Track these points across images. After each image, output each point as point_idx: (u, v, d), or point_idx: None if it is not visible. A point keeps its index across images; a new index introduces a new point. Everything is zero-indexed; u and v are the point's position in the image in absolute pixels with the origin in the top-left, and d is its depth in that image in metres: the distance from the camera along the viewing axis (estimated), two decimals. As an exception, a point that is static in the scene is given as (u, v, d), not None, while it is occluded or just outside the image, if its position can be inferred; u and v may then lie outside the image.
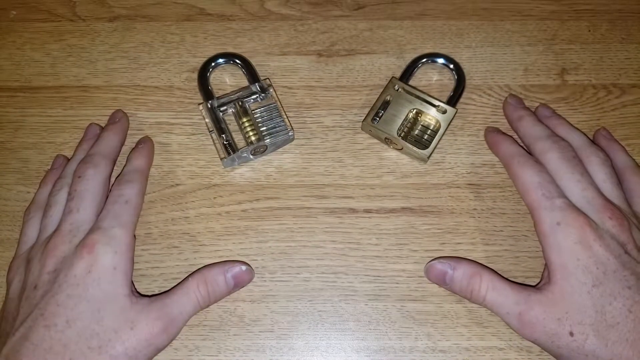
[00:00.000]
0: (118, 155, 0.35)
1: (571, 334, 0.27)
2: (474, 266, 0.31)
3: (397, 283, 0.33)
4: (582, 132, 0.35)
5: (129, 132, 0.37)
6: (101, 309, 0.28)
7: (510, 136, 0.36)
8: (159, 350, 0.29)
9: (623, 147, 0.35)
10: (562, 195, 0.30)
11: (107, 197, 0.32)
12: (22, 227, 0.33)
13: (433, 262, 0.32)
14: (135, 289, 0.32)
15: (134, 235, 0.31)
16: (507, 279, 0.30)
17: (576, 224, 0.29)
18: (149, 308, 0.29)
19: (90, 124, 0.37)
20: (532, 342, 0.29)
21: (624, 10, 0.40)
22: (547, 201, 0.30)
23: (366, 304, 0.33)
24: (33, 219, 0.33)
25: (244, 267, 0.32)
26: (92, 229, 0.30)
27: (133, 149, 0.35)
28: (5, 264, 0.33)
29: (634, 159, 0.35)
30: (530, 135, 0.34)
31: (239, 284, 0.32)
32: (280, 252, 0.34)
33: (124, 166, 0.34)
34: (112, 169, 0.34)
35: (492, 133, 0.36)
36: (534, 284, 0.33)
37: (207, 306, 0.31)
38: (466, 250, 0.34)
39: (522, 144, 0.35)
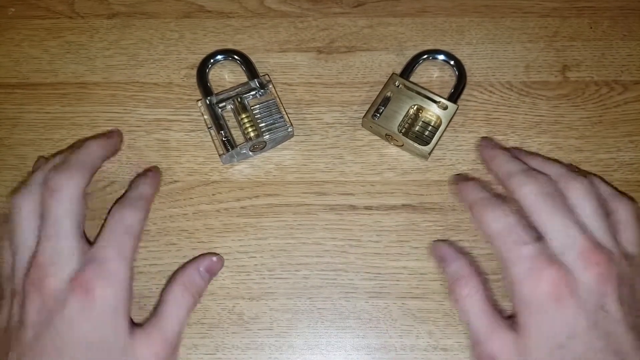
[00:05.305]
0: (96, 170, 0.32)
1: None
2: (469, 268, 0.30)
3: (398, 280, 0.33)
4: (560, 162, 0.32)
5: (128, 130, 0.37)
6: (100, 350, 0.26)
7: (475, 178, 0.35)
8: None
9: (600, 177, 0.33)
10: (533, 239, 0.27)
11: (84, 215, 0.29)
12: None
13: (440, 243, 0.33)
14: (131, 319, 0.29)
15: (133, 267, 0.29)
16: (493, 301, 0.29)
17: (547, 277, 0.25)
18: (147, 338, 0.27)
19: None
20: None
21: (625, 7, 0.40)
22: (516, 249, 0.27)
23: (366, 302, 0.33)
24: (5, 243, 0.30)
25: (214, 258, 0.32)
26: (88, 262, 0.27)
27: (139, 174, 0.34)
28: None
29: (616, 189, 0.31)
30: (504, 172, 0.31)
31: (213, 274, 0.32)
32: (279, 249, 0.34)
33: (127, 190, 0.33)
34: (89, 182, 0.30)
35: (459, 182, 0.33)
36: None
37: (196, 306, 0.31)
38: (468, 248, 0.34)
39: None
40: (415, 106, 0.36)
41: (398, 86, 0.36)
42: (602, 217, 0.28)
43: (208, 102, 0.35)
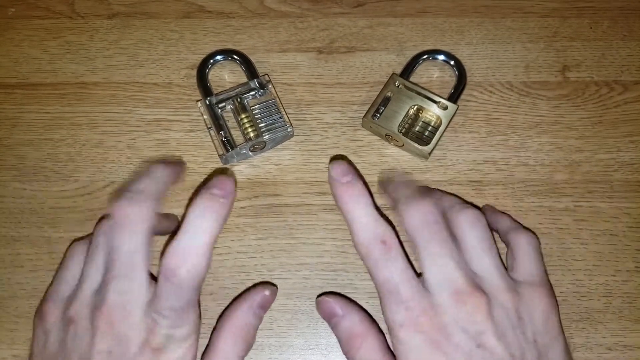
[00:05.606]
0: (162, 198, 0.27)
1: None
2: (363, 325, 0.28)
3: (398, 281, 0.33)
4: (454, 195, 0.30)
5: (128, 130, 0.36)
6: None
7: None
8: None
9: (509, 215, 0.33)
10: (418, 289, 0.26)
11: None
12: (64, 259, 0.29)
13: (326, 297, 0.29)
14: None
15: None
16: (390, 352, 0.27)
17: (419, 327, 0.25)
18: None
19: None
20: None
21: (625, 7, 0.40)
22: (396, 303, 0.26)
23: (367, 302, 0.33)
24: (77, 255, 0.28)
25: (267, 292, 0.29)
26: (154, 324, 0.24)
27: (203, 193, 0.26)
28: (2, 263, 0.33)
29: (520, 223, 0.32)
30: (393, 198, 0.28)
31: (267, 308, 0.29)
32: (279, 249, 0.34)
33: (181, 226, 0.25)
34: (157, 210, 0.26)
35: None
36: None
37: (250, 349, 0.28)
38: (468, 248, 0.33)
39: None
40: (416, 106, 0.36)
41: (398, 86, 0.36)
42: (486, 250, 0.27)
43: (208, 103, 0.35)
